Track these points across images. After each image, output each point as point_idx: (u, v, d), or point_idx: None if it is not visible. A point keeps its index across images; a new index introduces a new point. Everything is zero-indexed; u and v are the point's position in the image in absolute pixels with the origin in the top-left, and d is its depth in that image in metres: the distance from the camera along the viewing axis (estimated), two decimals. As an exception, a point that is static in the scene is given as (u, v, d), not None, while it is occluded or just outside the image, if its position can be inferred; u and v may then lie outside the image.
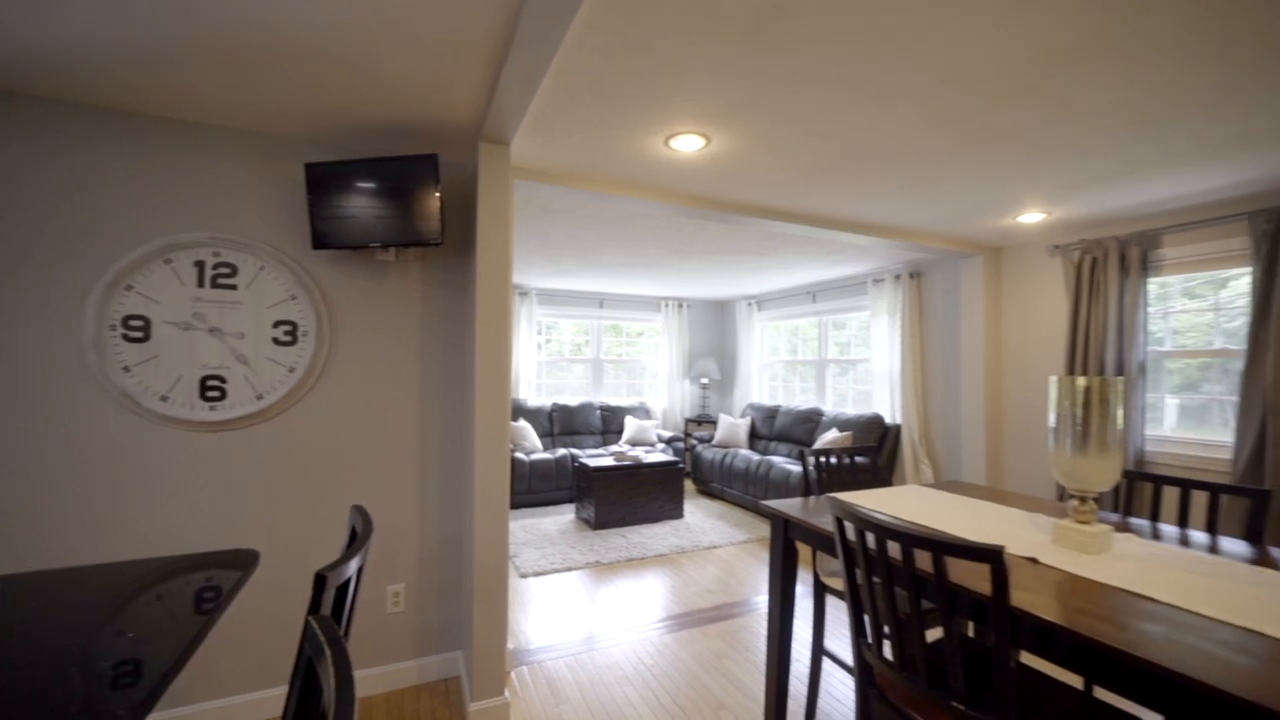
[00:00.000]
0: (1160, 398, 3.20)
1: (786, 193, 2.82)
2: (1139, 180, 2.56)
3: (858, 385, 5.54)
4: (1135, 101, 1.83)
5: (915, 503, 1.90)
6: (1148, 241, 3.12)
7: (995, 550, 0.96)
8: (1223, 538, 1.59)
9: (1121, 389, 1.37)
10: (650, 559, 3.85)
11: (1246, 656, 0.92)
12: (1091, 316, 3.28)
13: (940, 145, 2.20)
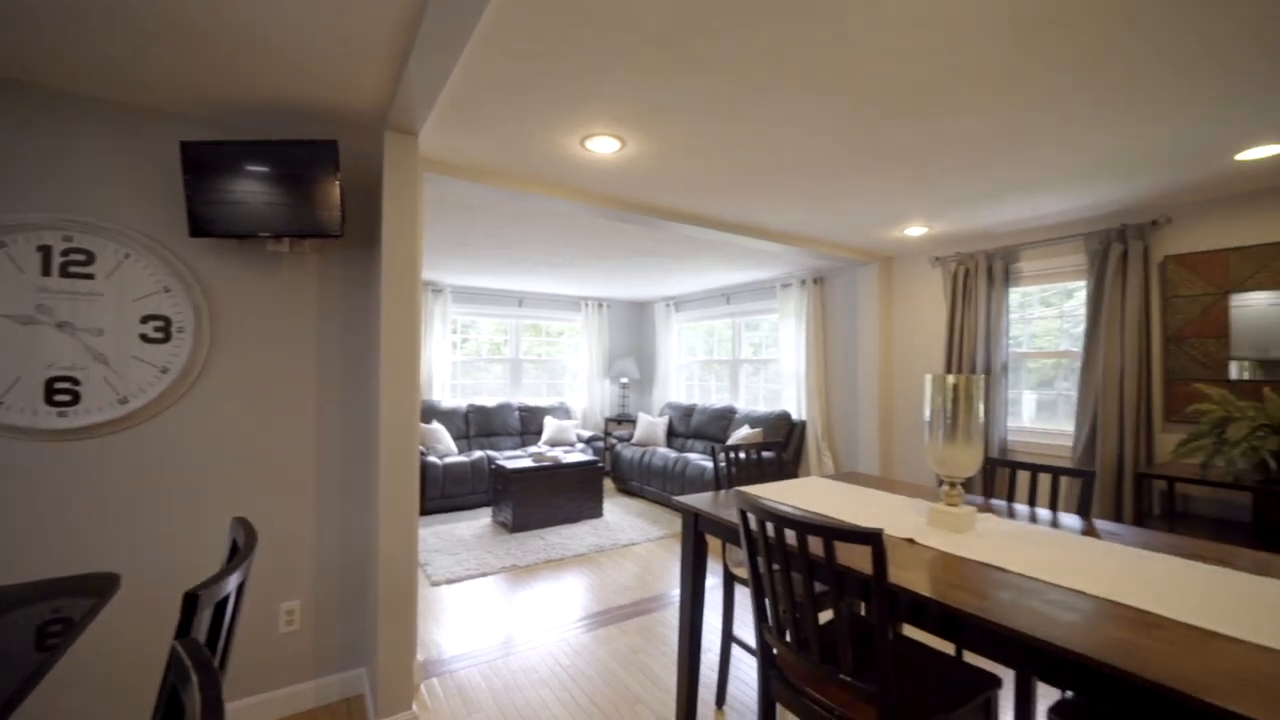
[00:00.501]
0: (1020, 393, 3.66)
1: (699, 199, 2.92)
2: (1003, 201, 2.91)
3: (768, 384, 5.84)
4: (1002, 131, 2.08)
5: (814, 493, 2.04)
6: (1009, 256, 3.56)
7: (875, 533, 1.06)
8: (1062, 513, 1.85)
9: (983, 385, 1.55)
10: (569, 559, 3.83)
11: (1073, 613, 1.08)
12: (965, 321, 3.69)
13: (836, 161, 2.38)
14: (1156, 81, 1.70)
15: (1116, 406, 2.95)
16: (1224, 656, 0.92)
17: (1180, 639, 0.98)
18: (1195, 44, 1.51)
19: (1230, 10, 1.37)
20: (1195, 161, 2.32)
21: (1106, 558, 1.38)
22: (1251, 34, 1.46)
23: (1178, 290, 2.85)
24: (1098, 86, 1.73)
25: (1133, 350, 2.91)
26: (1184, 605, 1.11)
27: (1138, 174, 2.48)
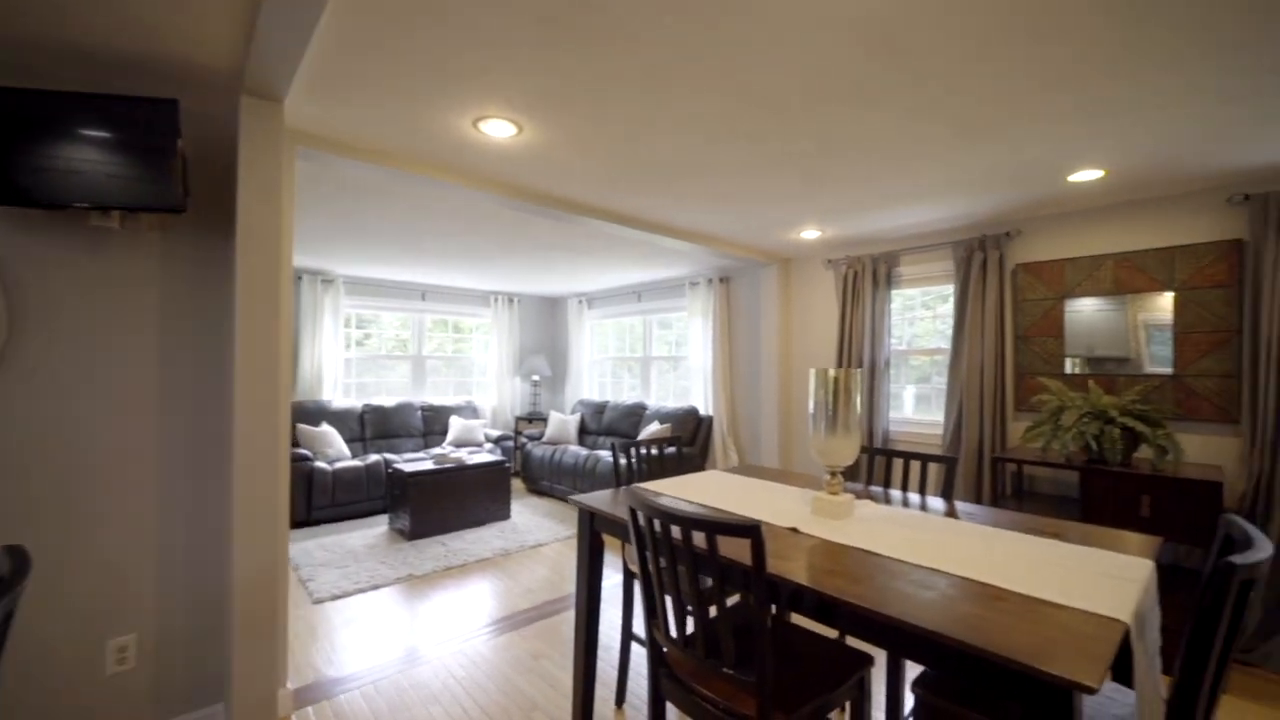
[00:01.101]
0: (904, 387, 3.98)
1: (604, 193, 2.88)
2: (885, 209, 3.13)
3: (679, 380, 5.94)
4: (878, 144, 2.22)
5: (712, 487, 2.07)
6: (891, 261, 3.85)
7: (754, 526, 1.07)
8: (930, 497, 2.01)
9: (860, 379, 1.64)
10: (472, 565, 3.66)
11: (931, 592, 1.15)
12: (854, 320, 3.95)
13: (732, 162, 2.43)
14: (999, 108, 1.89)
15: (978, 398, 3.29)
16: (1051, 623, 1.02)
17: (1017, 609, 1.07)
18: (1031, 75, 1.68)
19: (1051, 48, 1.53)
20: (1036, 181, 2.62)
21: (962, 537, 1.50)
22: (1075, 68, 1.65)
23: (1026, 295, 3.23)
24: (951, 109, 1.89)
25: (991, 348, 3.25)
26: (1023, 578, 1.22)
27: (992, 190, 2.76)
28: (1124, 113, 1.93)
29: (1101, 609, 1.08)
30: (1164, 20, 1.43)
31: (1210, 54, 1.58)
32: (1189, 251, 2.72)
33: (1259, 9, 1.38)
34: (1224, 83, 1.73)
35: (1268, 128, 2.04)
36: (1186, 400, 2.72)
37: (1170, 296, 2.77)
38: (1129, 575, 1.25)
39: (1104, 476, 2.55)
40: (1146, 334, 2.84)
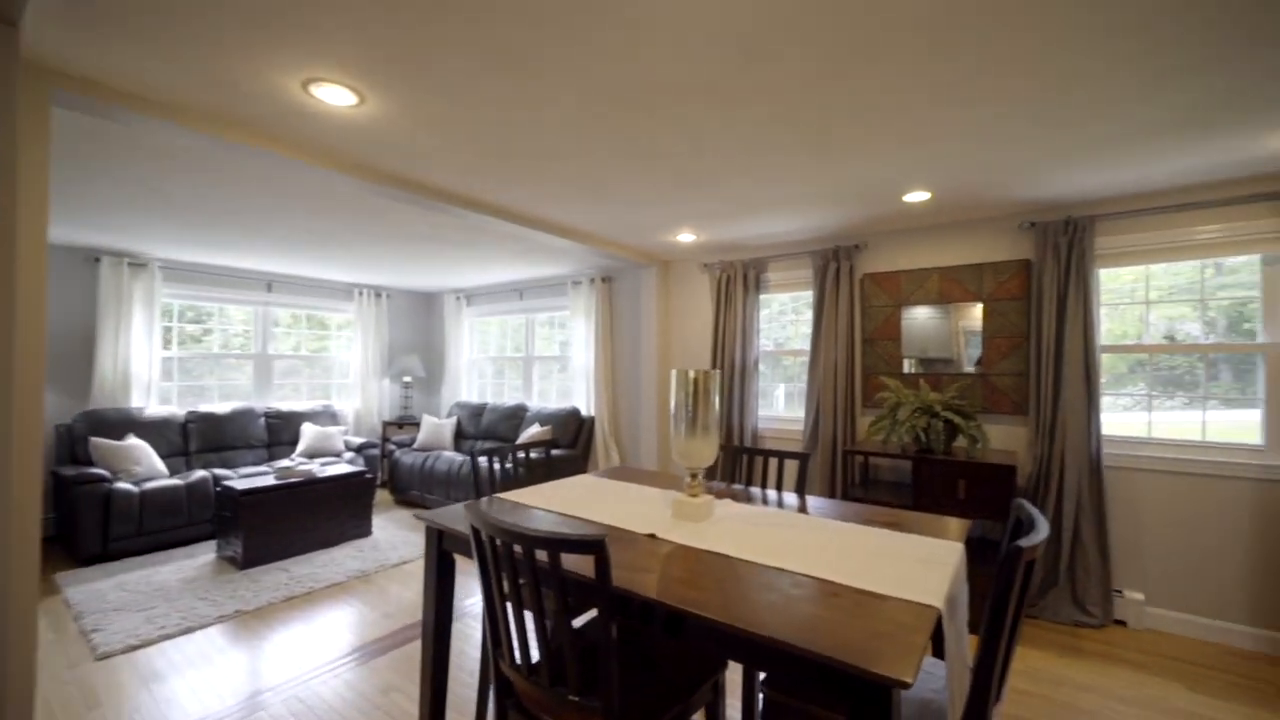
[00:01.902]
0: (775, 386, 4.22)
1: (470, 181, 2.69)
2: (753, 216, 3.27)
3: (568, 381, 5.81)
4: (742, 153, 2.28)
5: (580, 493, 2.00)
6: (760, 266, 4.06)
7: (597, 541, 1.01)
8: (787, 493, 2.11)
9: (719, 380, 1.66)
10: (320, 592, 3.25)
11: (773, 593, 1.17)
12: (727, 323, 4.10)
13: (605, 157, 2.38)
14: (843, 130, 2.03)
15: (832, 396, 3.57)
16: (877, 616, 1.07)
17: (850, 604, 1.12)
18: (870, 98, 1.81)
19: (885, 74, 1.67)
20: (878, 198, 2.88)
21: (808, 533, 1.57)
22: (901, 97, 1.81)
23: (871, 302, 3.56)
24: (808, 121, 2.00)
25: (843, 350, 3.54)
26: (857, 571, 1.29)
27: (844, 204, 2.99)
28: (941, 142, 2.17)
29: (919, 597, 1.16)
30: (965, 63, 1.61)
31: (1000, 98, 1.81)
32: (993, 268, 3.16)
33: (1037, 70, 1.60)
34: (1011, 126, 2.01)
35: (1043, 168, 2.42)
36: (991, 395, 3.16)
37: (980, 307, 3.20)
38: (943, 559, 1.37)
39: (931, 464, 2.87)
40: (965, 338, 3.26)
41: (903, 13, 1.40)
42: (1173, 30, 1.46)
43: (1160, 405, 2.91)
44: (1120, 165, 2.41)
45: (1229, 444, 2.70)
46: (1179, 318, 2.91)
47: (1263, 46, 1.53)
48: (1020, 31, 1.47)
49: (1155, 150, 2.25)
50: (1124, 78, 1.70)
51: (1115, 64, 1.63)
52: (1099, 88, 1.76)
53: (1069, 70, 1.66)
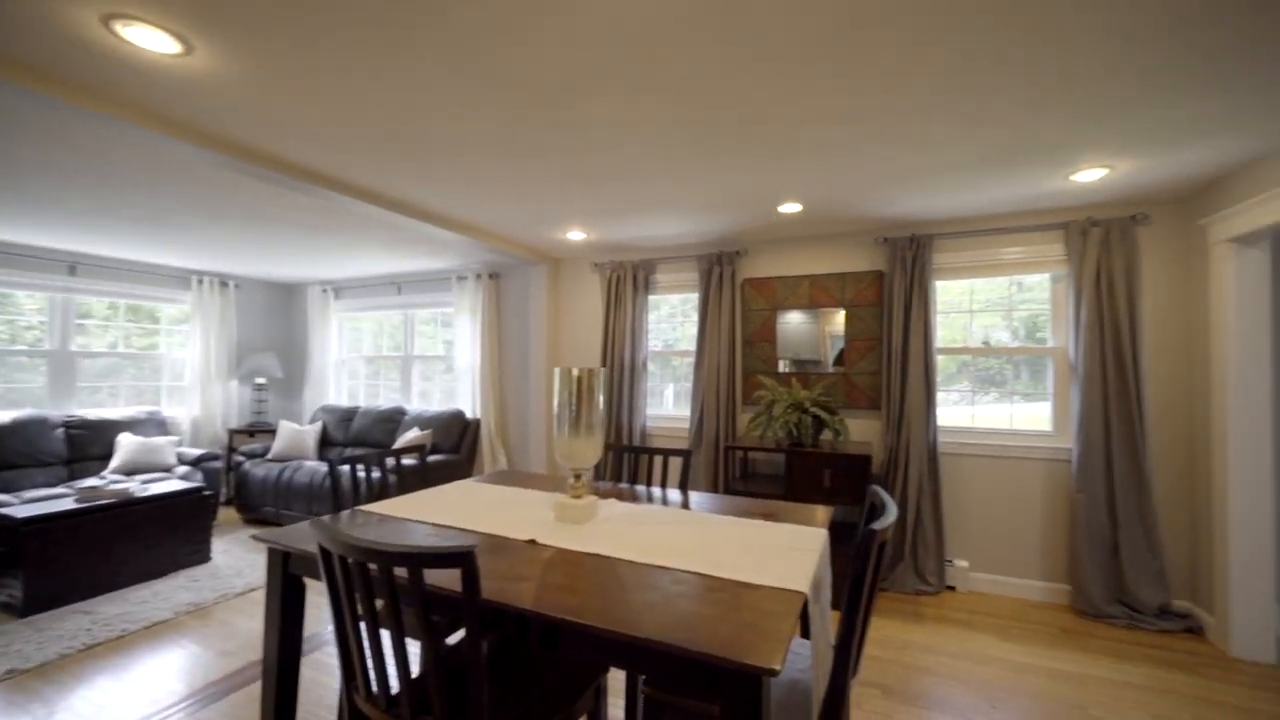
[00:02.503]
0: (666, 385, 4.30)
1: (339, 160, 2.43)
2: (643, 217, 3.31)
3: (448, 382, 5.48)
4: (637, 150, 2.29)
5: (458, 500, 1.87)
6: (649, 268, 4.13)
7: (464, 554, 0.93)
8: (671, 490, 2.15)
9: (604, 378, 1.64)
10: (137, 635, 2.74)
11: (654, 592, 1.17)
12: (617, 323, 4.12)
13: (489, 144, 2.27)
14: (728, 137, 2.12)
15: (715, 395, 3.72)
16: (749, 606, 1.11)
17: (725, 598, 1.15)
18: (747, 109, 1.91)
19: (753, 92, 1.76)
20: (757, 207, 3.06)
21: (689, 528, 1.60)
22: (780, 109, 1.93)
23: (750, 306, 3.78)
24: (689, 131, 2.06)
25: (725, 350, 3.71)
26: (733, 563, 1.34)
27: (728, 210, 3.14)
28: (810, 157, 2.35)
29: (787, 584, 1.22)
30: (826, 83, 1.75)
31: (855, 123, 2.00)
32: (854, 277, 3.50)
33: (880, 105, 1.79)
34: (867, 149, 2.23)
35: (893, 190, 2.72)
36: (851, 392, 3.49)
37: (843, 312, 3.52)
38: (809, 546, 1.46)
39: (801, 456, 3.10)
40: (830, 341, 3.57)
41: (778, 29, 1.48)
42: (970, 85, 1.70)
43: (980, 400, 3.40)
44: (948, 192, 2.78)
45: (1028, 431, 3.23)
46: (992, 326, 3.43)
47: (1038, 110, 1.84)
48: (860, 78, 1.62)
49: (971, 183, 2.63)
50: (941, 121, 1.96)
51: (933, 109, 1.87)
52: (923, 127, 2.01)
53: (902, 108, 1.87)
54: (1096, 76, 1.69)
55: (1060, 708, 2.17)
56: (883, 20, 1.42)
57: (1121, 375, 2.83)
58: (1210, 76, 1.68)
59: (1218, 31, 1.46)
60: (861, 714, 2.14)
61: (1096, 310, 2.89)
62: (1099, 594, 2.86)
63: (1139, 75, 1.68)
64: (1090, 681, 2.35)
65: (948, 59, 1.60)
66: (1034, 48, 1.54)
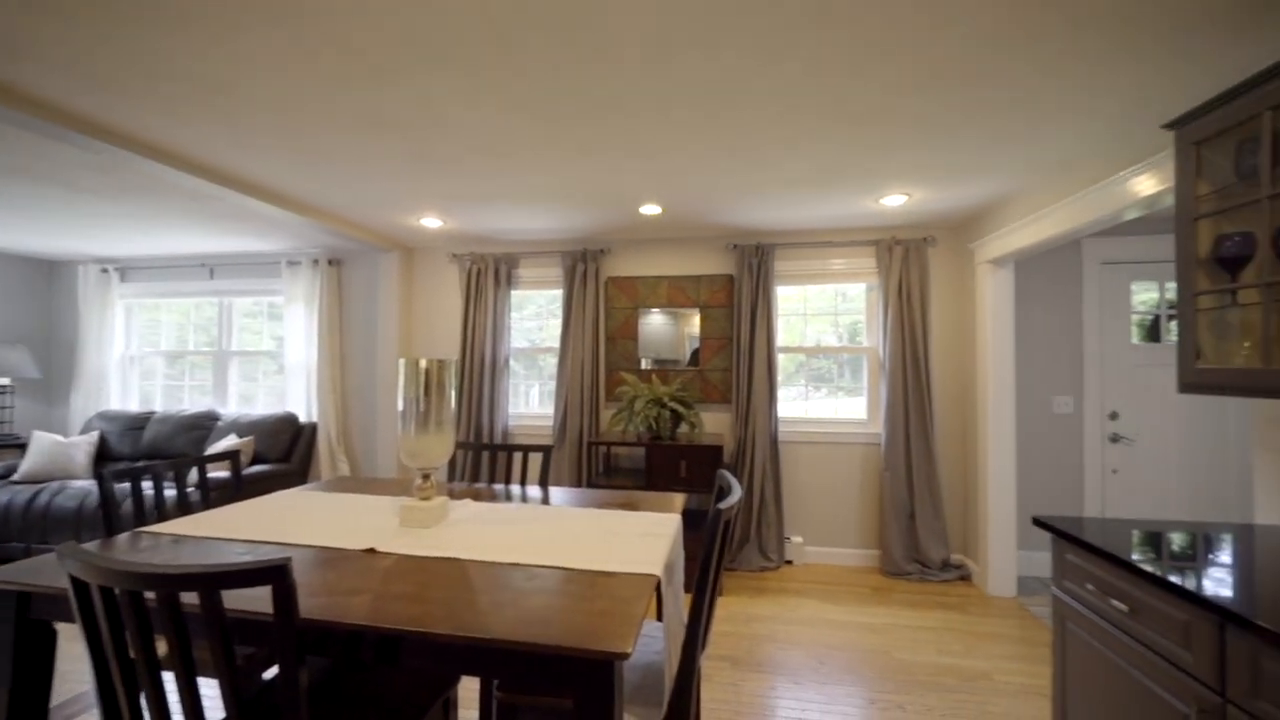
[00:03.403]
0: (531, 384, 4.19)
1: (116, 103, 1.98)
2: (504, 209, 3.19)
3: (278, 382, 4.77)
4: (492, 135, 2.19)
5: (281, 512, 1.64)
6: (512, 262, 4.01)
7: (275, 568, 0.81)
8: (532, 487, 2.10)
9: (455, 371, 1.55)
10: None
11: (506, 592, 1.13)
12: (477, 318, 3.94)
13: (322, 111, 2.02)
14: (584, 130, 2.14)
15: (579, 391, 3.73)
16: (606, 594, 1.12)
17: (582, 589, 1.15)
18: (598, 99, 1.94)
19: (605, 82, 1.81)
20: (620, 207, 3.13)
21: (548, 523, 1.58)
22: (634, 102, 1.99)
23: (613, 304, 3.85)
24: (544, 120, 2.03)
25: (589, 347, 3.74)
26: (590, 554, 1.34)
27: (590, 209, 3.16)
28: (668, 159, 2.46)
29: (641, 568, 1.26)
30: (677, 79, 1.85)
31: (702, 138, 2.14)
32: (708, 280, 3.74)
33: (724, 122, 1.94)
34: (716, 160, 2.40)
35: (741, 199, 2.96)
36: (706, 388, 3.73)
37: (698, 313, 3.75)
38: (662, 531, 1.53)
39: (660, 449, 3.23)
40: (688, 340, 3.77)
41: (631, 19, 1.52)
42: (796, 111, 1.92)
43: (813, 395, 3.85)
44: (787, 206, 3.10)
45: (849, 420, 3.72)
46: (823, 329, 3.89)
47: (851, 139, 2.14)
48: (707, 94, 1.74)
49: (804, 199, 2.96)
50: (773, 139, 2.18)
51: (767, 125, 2.07)
52: (758, 145, 2.23)
53: (742, 124, 2.04)
54: (883, 116, 1.99)
55: (871, 654, 2.53)
56: (722, 42, 1.53)
57: (916, 371, 3.39)
58: (962, 128, 2.08)
59: (966, 91, 1.81)
60: (712, 686, 2.29)
61: (899, 316, 3.42)
62: (900, 555, 3.39)
63: (913, 121, 2.02)
64: (893, 629, 2.77)
65: (772, 87, 1.77)
66: (840, 85, 1.78)
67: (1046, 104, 1.88)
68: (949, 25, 1.47)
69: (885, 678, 2.35)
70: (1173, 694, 1.18)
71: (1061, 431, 3.39)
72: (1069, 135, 2.13)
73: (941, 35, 1.52)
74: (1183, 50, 1.56)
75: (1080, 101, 1.86)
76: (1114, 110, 1.91)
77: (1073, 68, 1.66)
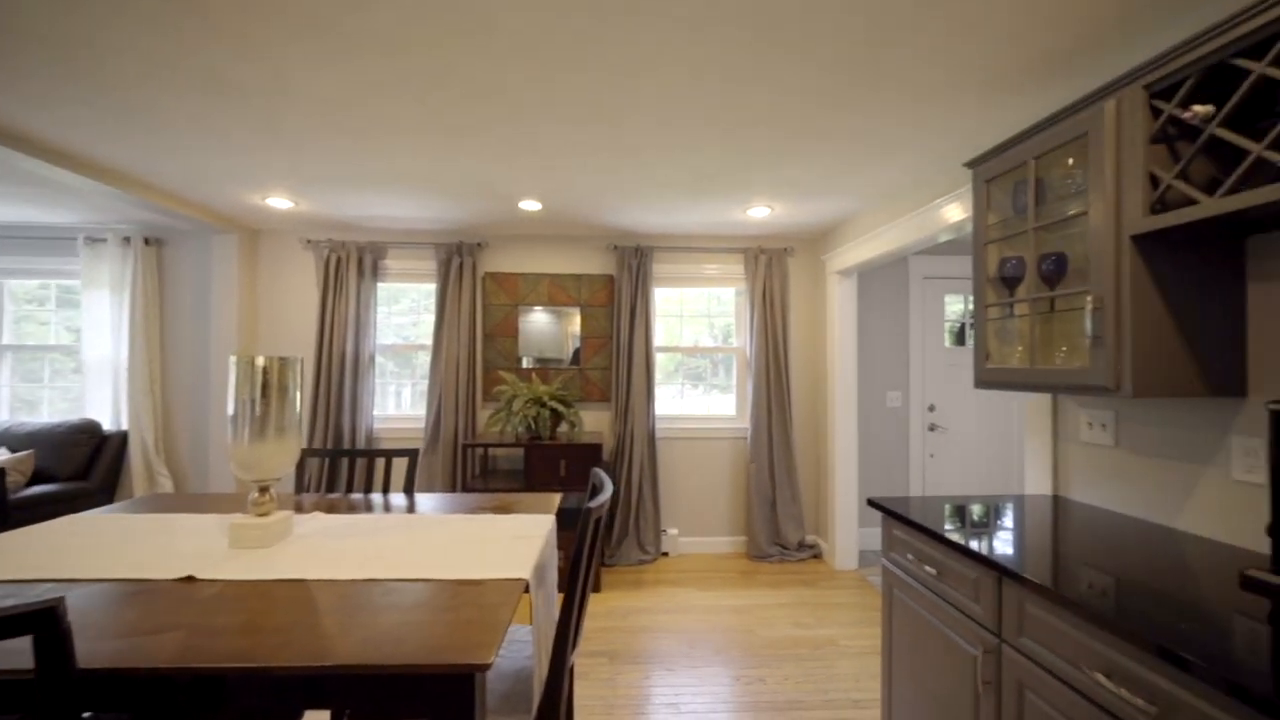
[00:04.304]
0: (402, 384, 3.89)
1: None
2: (368, 192, 2.93)
3: (72, 384, 3.92)
4: (352, 109, 2.00)
5: (68, 539, 1.35)
6: (378, 251, 3.70)
7: (42, 611, 0.67)
8: (396, 494, 1.96)
9: (303, 370, 1.39)
10: None
11: (359, 612, 1.04)
12: (337, 311, 3.58)
13: (136, 61, 1.71)
14: (448, 122, 2.04)
15: (454, 390, 3.55)
16: (471, 603, 1.08)
17: (445, 600, 1.09)
18: (477, 83, 1.87)
19: (479, 62, 1.75)
20: (498, 200, 3.02)
21: (412, 534, 1.48)
22: (512, 88, 1.94)
23: (492, 300, 3.72)
24: (410, 98, 1.91)
25: (465, 344, 3.57)
26: (458, 563, 1.28)
27: (466, 200, 3.01)
28: (544, 155, 2.43)
29: (510, 573, 1.23)
30: (544, 69, 1.84)
31: (580, 139, 2.16)
32: (589, 279, 3.76)
33: (602, 125, 1.97)
34: (598, 160, 2.42)
35: (619, 202, 3.01)
36: (587, 386, 3.75)
37: (579, 312, 3.75)
38: (534, 533, 1.51)
39: (540, 449, 3.19)
40: (571, 339, 3.76)
41: (510, 14, 1.47)
42: (671, 119, 2.02)
43: (689, 393, 4.03)
44: (666, 212, 3.21)
45: (720, 415, 3.96)
46: (700, 331, 4.10)
47: (722, 149, 2.29)
48: (589, 98, 1.76)
49: (680, 204, 3.09)
50: (652, 144, 2.26)
51: (648, 131, 2.14)
52: (637, 149, 2.29)
53: (622, 127, 2.09)
54: (751, 132, 2.16)
55: (736, 634, 2.72)
56: (607, 39, 1.55)
57: (778, 369, 3.70)
58: (817, 152, 2.32)
59: (821, 119, 2.02)
60: (589, 683, 2.31)
61: (763, 319, 3.71)
62: (763, 539, 3.68)
63: (778, 140, 2.22)
64: (756, 609, 3.00)
65: (653, 94, 1.84)
66: (714, 99, 1.89)
67: (886, 136, 2.16)
68: (804, 59, 1.62)
69: (749, 654, 2.54)
70: (966, 640, 1.42)
71: (893, 422, 3.90)
72: (901, 165, 2.46)
73: (798, 67, 1.67)
74: (990, 101, 1.87)
75: (911, 137, 2.15)
76: (938, 146, 2.24)
77: (908, 106, 1.91)
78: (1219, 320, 1.34)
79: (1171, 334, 1.32)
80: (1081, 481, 1.81)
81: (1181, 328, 1.33)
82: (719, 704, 2.17)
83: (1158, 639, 0.91)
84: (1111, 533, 1.48)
